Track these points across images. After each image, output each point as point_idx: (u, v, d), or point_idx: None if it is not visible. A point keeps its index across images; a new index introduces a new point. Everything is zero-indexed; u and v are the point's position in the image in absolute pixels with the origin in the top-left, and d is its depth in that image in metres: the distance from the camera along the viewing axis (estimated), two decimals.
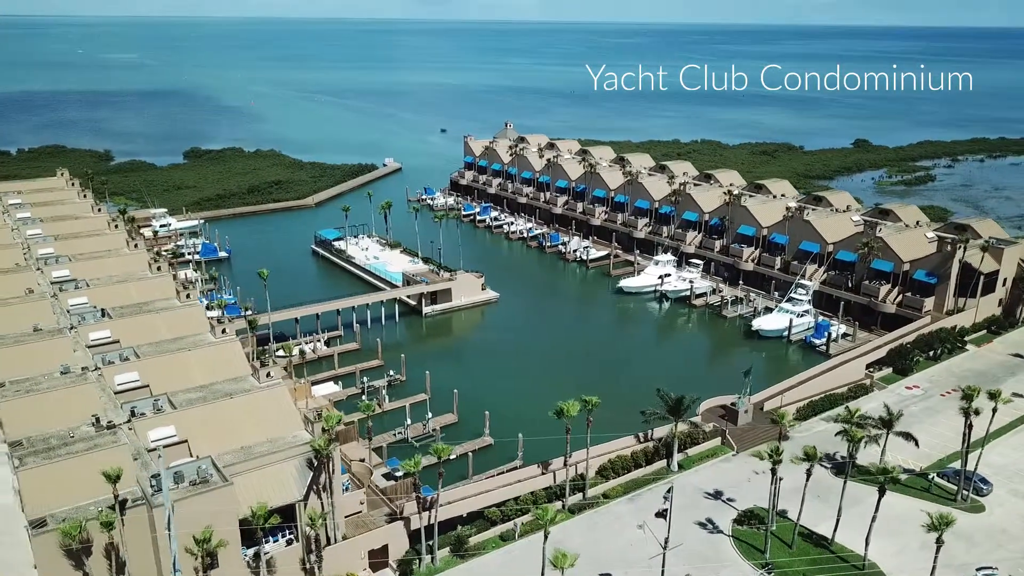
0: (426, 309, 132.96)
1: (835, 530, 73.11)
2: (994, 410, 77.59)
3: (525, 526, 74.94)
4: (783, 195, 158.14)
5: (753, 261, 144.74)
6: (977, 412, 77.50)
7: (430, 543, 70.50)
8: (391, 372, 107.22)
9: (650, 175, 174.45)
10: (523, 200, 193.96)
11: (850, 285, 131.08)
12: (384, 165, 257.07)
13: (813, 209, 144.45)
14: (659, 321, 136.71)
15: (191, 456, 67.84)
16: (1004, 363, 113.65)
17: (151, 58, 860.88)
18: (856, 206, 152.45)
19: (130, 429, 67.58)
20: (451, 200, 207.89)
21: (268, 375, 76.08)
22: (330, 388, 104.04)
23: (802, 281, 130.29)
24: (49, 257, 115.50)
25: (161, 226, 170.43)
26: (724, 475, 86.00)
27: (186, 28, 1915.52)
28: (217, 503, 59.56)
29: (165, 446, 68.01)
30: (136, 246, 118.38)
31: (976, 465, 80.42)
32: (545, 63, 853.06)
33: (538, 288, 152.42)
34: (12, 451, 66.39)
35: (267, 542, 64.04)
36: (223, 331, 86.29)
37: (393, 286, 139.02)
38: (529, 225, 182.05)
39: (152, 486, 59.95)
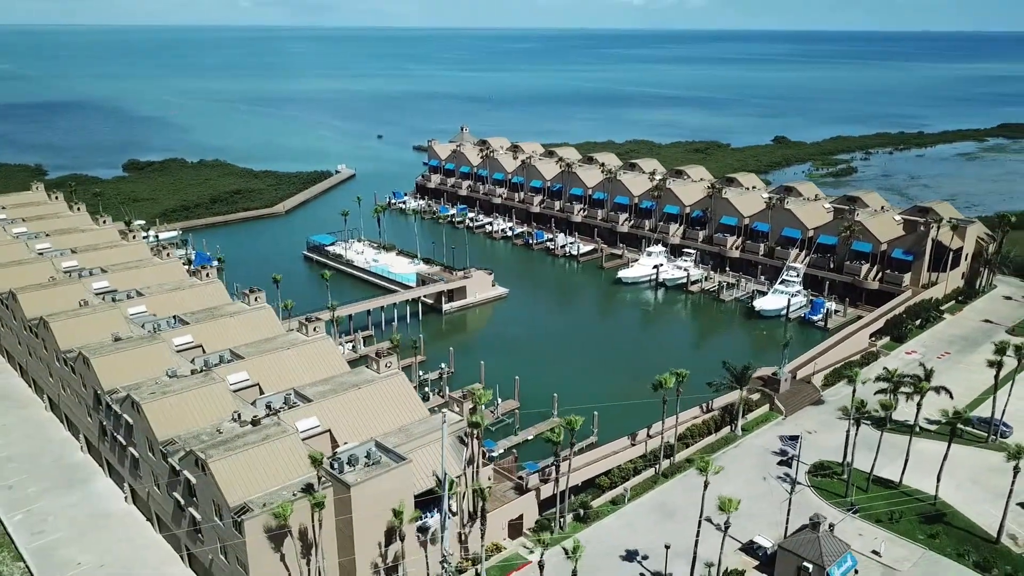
0: (445, 306, 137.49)
1: (903, 473, 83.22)
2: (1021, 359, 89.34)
3: (633, 491, 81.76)
4: (754, 187, 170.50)
5: (738, 249, 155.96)
6: (1002, 364, 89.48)
7: (553, 512, 76.44)
8: (442, 365, 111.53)
9: (624, 173, 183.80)
10: (498, 201, 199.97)
11: (832, 266, 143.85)
12: (337, 171, 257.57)
13: (789, 198, 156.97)
14: (664, 307, 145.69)
15: (333, 445, 71.52)
16: (979, 327, 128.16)
17: (29, 68, 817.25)
18: (823, 195, 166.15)
19: (278, 422, 70.17)
20: (422, 203, 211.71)
21: (388, 365, 79.86)
22: None
23: (792, 264, 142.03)
24: (76, 270, 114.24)
25: (142, 237, 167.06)
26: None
27: (54, 36, 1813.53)
28: (398, 480, 63.67)
29: (311, 436, 71.50)
30: (169, 255, 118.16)
31: (1003, 412, 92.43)
32: (448, 69, 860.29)
33: (539, 283, 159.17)
34: (169, 448, 68.37)
35: (428, 516, 68.29)
36: (314, 329, 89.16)
37: (405, 287, 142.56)
38: (510, 224, 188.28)
39: (333, 468, 63.39)
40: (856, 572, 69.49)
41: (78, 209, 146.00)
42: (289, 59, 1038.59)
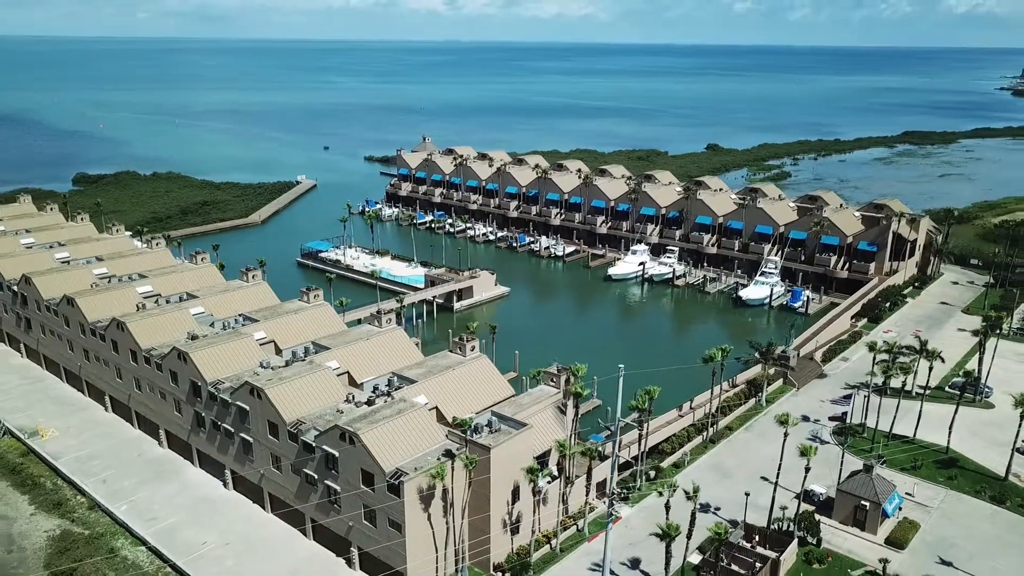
0: (456, 305, 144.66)
1: (916, 429, 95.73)
2: (998, 332, 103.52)
3: (692, 454, 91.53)
4: (721, 189, 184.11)
5: (713, 246, 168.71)
6: (987, 333, 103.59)
7: (628, 472, 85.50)
8: None
9: (597, 178, 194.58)
10: (473, 207, 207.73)
11: (803, 258, 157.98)
12: (298, 182, 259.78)
13: (759, 198, 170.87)
14: (655, 300, 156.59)
15: (439, 418, 78.47)
16: (939, 308, 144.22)
17: None
18: (785, 195, 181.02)
19: (395, 400, 76.50)
20: (396, 210, 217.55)
21: (473, 349, 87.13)
22: None
23: (770, 258, 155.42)
24: (110, 276, 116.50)
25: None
26: (801, 405, 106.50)
27: None
28: (524, 442, 71.42)
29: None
30: (203, 260, 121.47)
31: (987, 376, 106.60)
32: (369, 81, 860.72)
33: (533, 282, 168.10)
34: (298, 427, 73.99)
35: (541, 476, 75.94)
36: (388, 321, 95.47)
37: (412, 288, 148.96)
38: (490, 228, 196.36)
39: (468, 435, 70.44)
40: (900, 508, 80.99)
41: (81, 219, 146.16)
42: (204, 71, 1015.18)
